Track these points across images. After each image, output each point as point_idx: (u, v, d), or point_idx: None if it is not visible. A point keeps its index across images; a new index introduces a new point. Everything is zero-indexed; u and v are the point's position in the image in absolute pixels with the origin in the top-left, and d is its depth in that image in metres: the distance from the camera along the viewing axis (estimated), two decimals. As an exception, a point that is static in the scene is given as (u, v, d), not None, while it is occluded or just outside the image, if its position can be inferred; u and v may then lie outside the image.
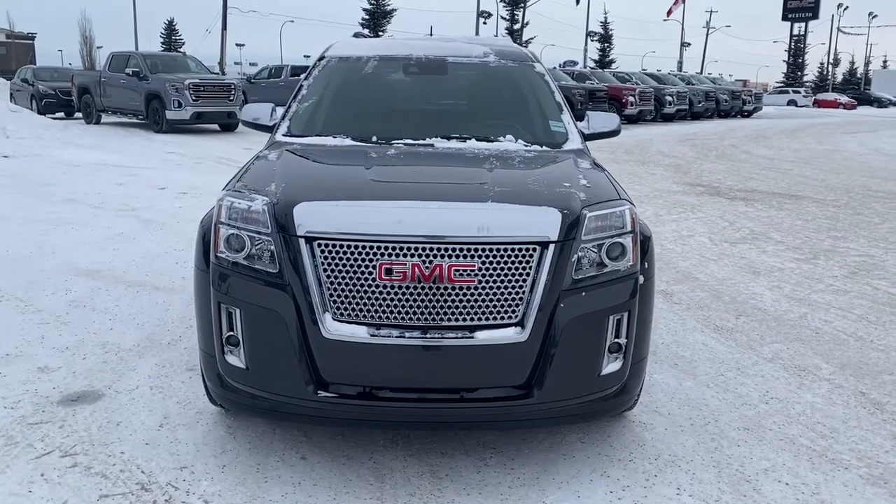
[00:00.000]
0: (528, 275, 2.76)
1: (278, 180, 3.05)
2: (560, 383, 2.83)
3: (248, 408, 3.04)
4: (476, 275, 2.72)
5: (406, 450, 3.22)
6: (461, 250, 2.71)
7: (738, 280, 6.13)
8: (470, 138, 3.74)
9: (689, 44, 70.13)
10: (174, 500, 2.81)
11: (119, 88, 18.95)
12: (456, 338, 2.73)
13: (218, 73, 21.60)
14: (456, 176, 3.30)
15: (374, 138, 3.75)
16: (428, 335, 2.73)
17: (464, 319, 2.74)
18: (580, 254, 2.84)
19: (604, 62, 63.47)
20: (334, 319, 2.75)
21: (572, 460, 3.17)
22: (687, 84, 34.46)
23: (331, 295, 2.74)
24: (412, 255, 2.70)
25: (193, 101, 17.64)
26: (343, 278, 2.73)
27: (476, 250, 2.72)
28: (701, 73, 62.22)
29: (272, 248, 2.81)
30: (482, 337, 2.74)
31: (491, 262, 2.73)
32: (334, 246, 2.74)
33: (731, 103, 35.05)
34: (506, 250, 2.74)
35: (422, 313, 2.72)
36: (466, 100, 4.37)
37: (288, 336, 2.76)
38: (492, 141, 3.75)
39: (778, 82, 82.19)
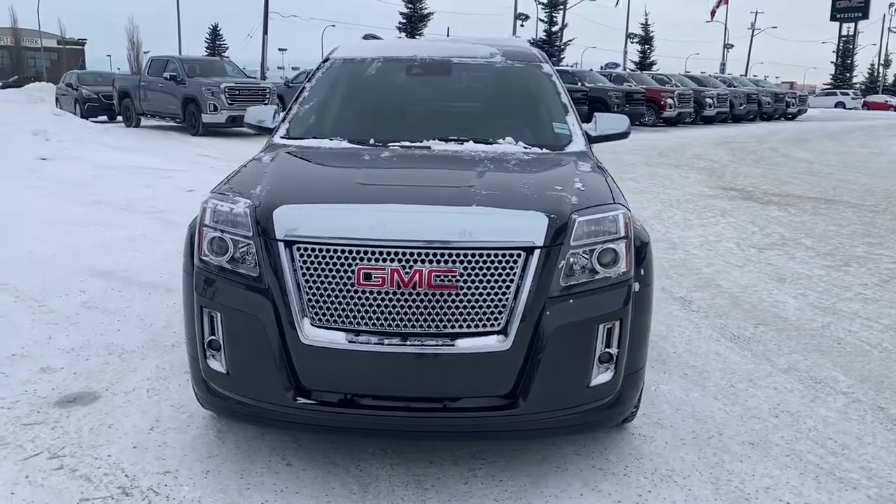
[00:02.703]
0: (511, 281, 2.67)
1: (264, 183, 3.01)
2: (546, 394, 2.73)
3: (233, 413, 3.00)
4: (457, 281, 2.64)
5: (394, 458, 3.15)
6: (442, 255, 2.64)
7: (762, 287, 5.93)
8: (468, 140, 3.66)
9: (731, 45, 68.93)
10: (153, 506, 2.78)
11: (157, 92, 19.28)
12: (436, 345, 2.66)
13: (254, 78, 21.88)
14: (444, 179, 3.22)
15: (372, 140, 3.70)
16: (408, 342, 2.66)
17: (444, 327, 2.66)
18: (569, 260, 2.73)
19: (644, 64, 62.61)
20: (313, 325, 2.69)
21: (564, 473, 3.07)
22: (728, 86, 33.82)
23: (309, 300, 2.69)
24: (391, 260, 2.63)
25: (229, 104, 17.85)
26: (322, 283, 2.68)
27: (457, 255, 2.64)
28: (745, 74, 61.12)
29: (253, 251, 2.77)
30: (463, 345, 2.66)
31: (473, 268, 2.65)
32: (313, 250, 2.68)
33: (774, 105, 34.32)
34: (489, 256, 2.66)
35: (401, 320, 2.65)
36: (468, 101, 4.29)
37: (267, 341, 2.71)
38: (491, 143, 3.67)
39: (825, 84, 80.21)
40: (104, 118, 22.47)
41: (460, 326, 2.67)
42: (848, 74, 77.57)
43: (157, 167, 12.53)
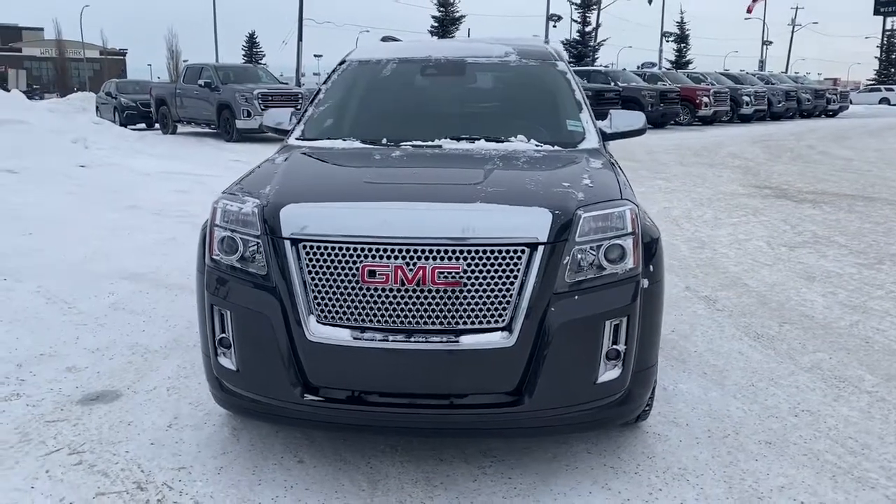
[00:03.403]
0: (515, 277, 2.67)
1: (273, 183, 3.06)
2: (552, 390, 2.72)
3: (245, 410, 3.05)
4: (461, 277, 2.65)
5: (405, 455, 3.16)
6: (445, 252, 2.65)
7: (790, 286, 5.81)
8: (479, 139, 3.67)
9: (770, 42, 67.60)
10: (166, 500, 2.84)
11: (193, 99, 19.65)
12: (440, 342, 2.66)
13: (287, 84, 22.17)
14: (451, 177, 3.23)
15: (384, 140, 3.73)
16: (412, 339, 2.67)
17: (448, 323, 2.67)
18: (574, 256, 2.72)
19: (680, 63, 61.88)
20: (318, 322, 2.72)
21: (574, 471, 3.05)
22: (766, 83, 33.25)
23: (315, 297, 2.72)
24: (396, 257, 2.65)
25: (262, 110, 18.07)
26: (327, 280, 2.71)
27: (461, 252, 2.65)
28: (786, 71, 59.96)
29: (261, 250, 2.82)
30: (467, 341, 2.66)
31: (476, 265, 2.65)
32: (319, 248, 2.71)
33: (814, 103, 33.64)
34: (492, 252, 2.66)
35: (406, 316, 2.67)
36: (481, 100, 4.30)
37: (275, 339, 2.75)
38: (502, 141, 3.67)
39: (869, 80, 78.27)
40: (142, 126, 22.93)
41: (464, 323, 2.67)
42: (893, 70, 75.59)
43: (190, 173, 12.76)
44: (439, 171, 3.37)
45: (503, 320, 2.68)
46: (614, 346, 2.79)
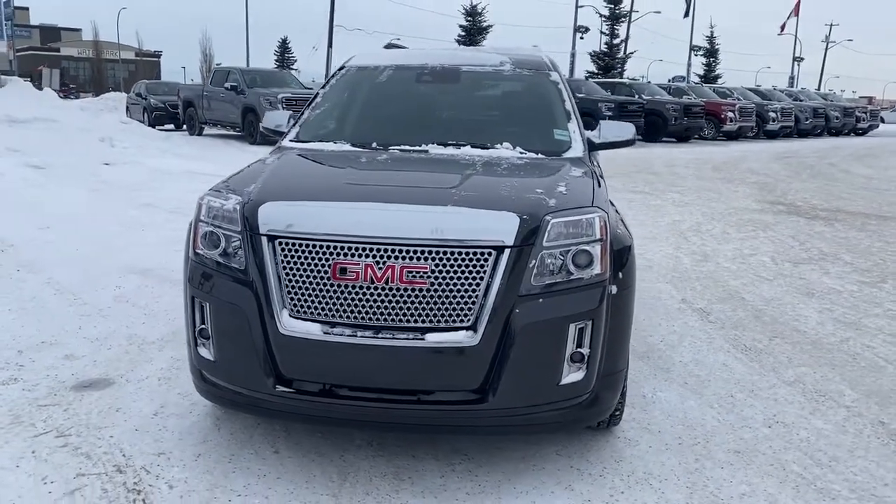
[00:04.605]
0: (481, 279, 2.75)
1: (258, 181, 3.18)
2: (515, 390, 2.80)
3: (222, 399, 3.15)
4: (428, 277, 2.73)
5: (378, 450, 3.25)
6: (414, 252, 2.74)
7: (787, 301, 5.82)
8: (466, 145, 3.77)
9: (802, 58, 66.92)
10: (143, 483, 2.95)
11: (219, 102, 19.97)
12: (407, 339, 2.75)
13: (311, 88, 22.42)
14: (429, 180, 3.33)
15: (373, 144, 3.83)
16: (380, 335, 2.76)
17: (415, 321, 2.76)
18: (541, 260, 2.80)
19: (709, 77, 61.47)
20: (291, 316, 2.82)
21: (541, 471, 3.12)
22: (794, 100, 32.95)
23: (289, 292, 2.83)
24: (366, 256, 2.75)
25: (286, 114, 18.30)
26: (300, 276, 2.81)
27: (429, 252, 2.74)
28: (819, 88, 59.30)
29: (241, 245, 2.93)
30: (433, 339, 2.75)
31: (444, 265, 2.74)
32: (293, 244, 2.82)
33: (843, 120, 33.31)
34: (459, 253, 2.75)
35: (374, 313, 2.76)
36: (472, 107, 4.39)
37: (249, 331, 2.85)
38: (488, 148, 3.76)
39: (904, 99, 77.08)
40: (171, 126, 23.30)
41: (431, 321, 2.76)
42: (928, 89, 74.30)
43: (211, 173, 12.95)
44: (419, 174, 3.47)
45: (468, 320, 2.76)
46: (578, 349, 2.85)
